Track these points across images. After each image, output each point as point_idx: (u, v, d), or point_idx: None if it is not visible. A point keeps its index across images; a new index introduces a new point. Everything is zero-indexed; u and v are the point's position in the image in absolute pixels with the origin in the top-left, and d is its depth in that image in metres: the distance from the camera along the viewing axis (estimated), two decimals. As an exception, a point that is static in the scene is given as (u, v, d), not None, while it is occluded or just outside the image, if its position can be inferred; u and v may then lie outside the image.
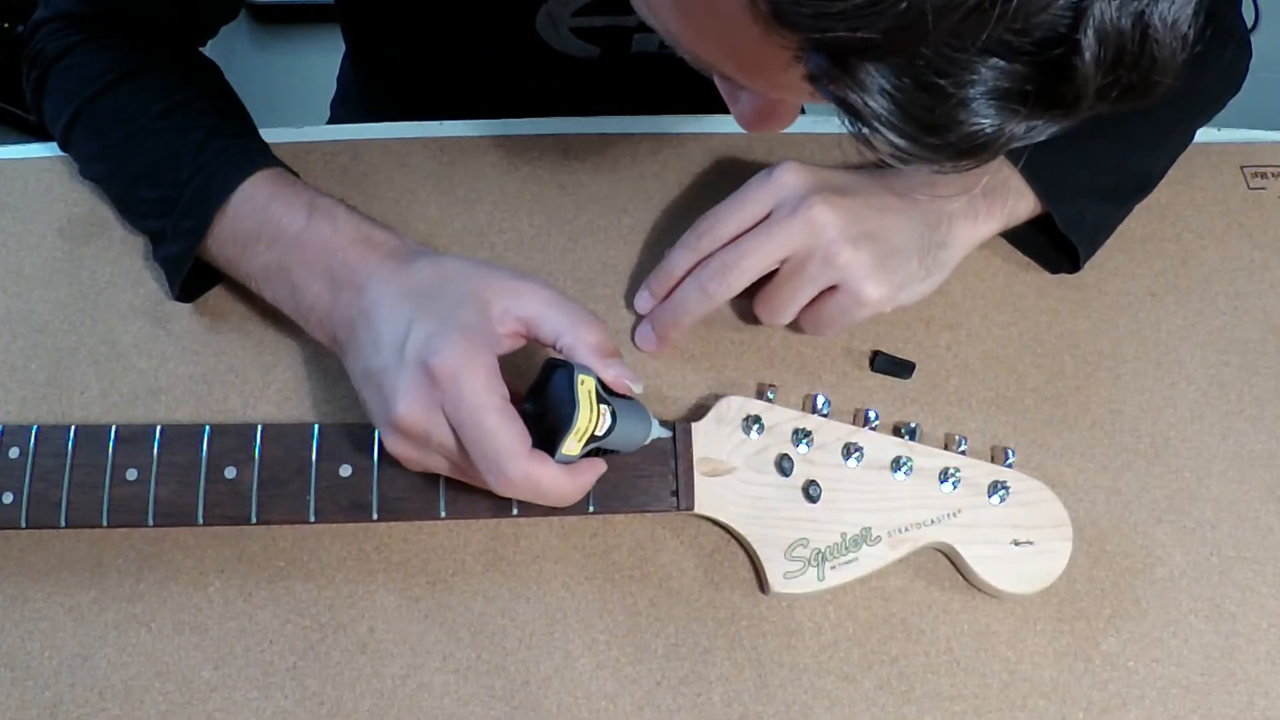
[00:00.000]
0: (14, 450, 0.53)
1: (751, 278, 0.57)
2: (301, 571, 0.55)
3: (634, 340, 0.61)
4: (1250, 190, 0.69)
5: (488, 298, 0.50)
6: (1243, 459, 0.60)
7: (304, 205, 0.55)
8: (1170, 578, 0.57)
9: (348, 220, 0.55)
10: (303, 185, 0.58)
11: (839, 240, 0.55)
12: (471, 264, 0.52)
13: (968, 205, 0.59)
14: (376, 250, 0.53)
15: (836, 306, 0.57)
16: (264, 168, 0.57)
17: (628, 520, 0.56)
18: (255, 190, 0.56)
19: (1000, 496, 0.55)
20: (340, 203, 0.56)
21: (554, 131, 0.69)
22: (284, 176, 0.58)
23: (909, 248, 0.57)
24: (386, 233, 0.55)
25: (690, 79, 0.80)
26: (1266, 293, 0.66)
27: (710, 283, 0.57)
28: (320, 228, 0.54)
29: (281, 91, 1.80)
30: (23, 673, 0.52)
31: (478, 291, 0.50)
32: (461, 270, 0.52)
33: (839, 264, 0.55)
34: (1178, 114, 0.65)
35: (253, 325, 0.61)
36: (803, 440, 0.55)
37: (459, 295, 0.50)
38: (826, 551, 0.53)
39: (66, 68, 0.62)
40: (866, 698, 0.53)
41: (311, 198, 0.56)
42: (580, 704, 0.52)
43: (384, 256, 0.53)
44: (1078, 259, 0.63)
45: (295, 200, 0.56)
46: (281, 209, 0.55)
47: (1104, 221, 0.63)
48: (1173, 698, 0.54)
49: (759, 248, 0.56)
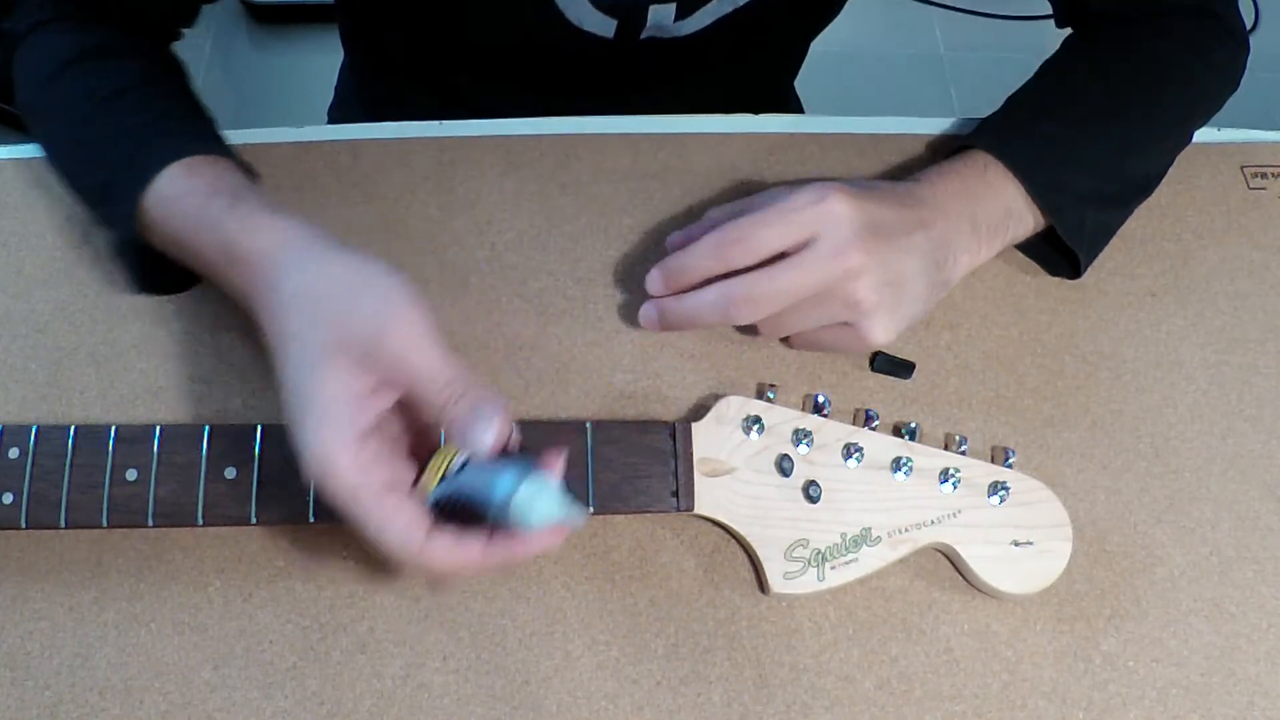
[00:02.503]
0: (14, 450, 0.53)
1: (777, 310, 0.55)
2: (301, 571, 0.55)
3: (639, 316, 0.59)
4: (1250, 190, 0.69)
5: (349, 353, 0.45)
6: (1243, 459, 0.60)
7: (196, 210, 0.53)
8: (1170, 578, 0.57)
9: (219, 231, 0.51)
10: (218, 179, 0.54)
11: (868, 288, 0.54)
12: (334, 291, 0.47)
13: (971, 238, 0.59)
14: (247, 270, 0.50)
15: (840, 339, 0.57)
16: (191, 155, 0.55)
17: (628, 520, 0.56)
18: (169, 184, 0.54)
19: (1000, 497, 0.55)
20: (236, 201, 0.52)
21: (554, 131, 0.69)
22: (201, 169, 0.55)
23: (922, 291, 0.57)
24: (262, 239, 0.50)
25: (697, 65, 0.80)
26: (1267, 293, 0.66)
27: (735, 309, 0.55)
28: (206, 244, 0.52)
29: (281, 91, 1.81)
30: (23, 673, 0.52)
31: (336, 344, 0.45)
32: (321, 306, 0.47)
33: (861, 309, 0.55)
34: (1176, 115, 0.65)
35: (253, 325, 0.61)
36: (803, 440, 0.55)
37: (316, 357, 0.46)
38: (826, 552, 0.53)
39: (29, 48, 0.61)
40: (866, 698, 0.53)
41: (204, 201, 0.53)
42: (580, 704, 0.52)
43: (256, 282, 0.50)
44: (1078, 265, 0.63)
45: (197, 205, 0.53)
46: (190, 207, 0.53)
47: (1104, 228, 0.63)
48: (1173, 698, 0.54)
49: (793, 285, 0.54)
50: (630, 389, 0.60)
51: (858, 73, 1.89)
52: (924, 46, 1.98)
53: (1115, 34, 0.66)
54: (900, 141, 0.69)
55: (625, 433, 0.55)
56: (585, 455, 0.54)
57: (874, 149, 0.69)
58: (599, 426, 0.54)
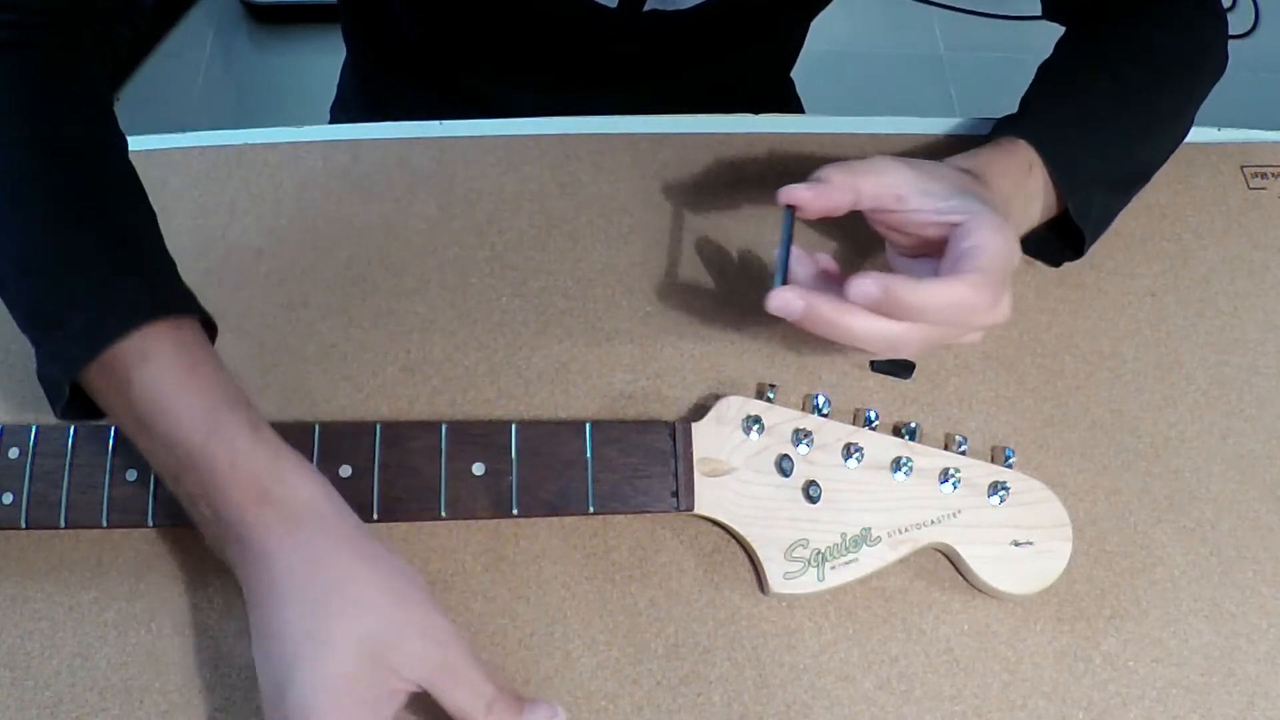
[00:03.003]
0: (14, 450, 0.53)
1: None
2: (301, 571, 0.55)
3: (767, 305, 0.50)
4: (1250, 190, 0.69)
5: (389, 642, 0.44)
6: (1243, 459, 0.60)
7: (201, 416, 0.46)
8: (1170, 578, 0.57)
9: (248, 460, 0.46)
10: (204, 368, 0.48)
11: (976, 339, 0.54)
12: (384, 582, 0.46)
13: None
14: (274, 512, 0.46)
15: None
16: (168, 315, 0.48)
17: (628, 520, 0.56)
18: (152, 359, 0.47)
19: (1000, 497, 0.55)
20: (245, 420, 0.47)
21: (554, 131, 0.69)
22: (185, 345, 0.48)
23: None
24: (292, 482, 0.47)
25: (698, 47, 0.79)
26: (1267, 293, 0.66)
27: (899, 350, 0.51)
28: (217, 457, 0.46)
29: (281, 91, 1.81)
30: (23, 673, 0.52)
31: (378, 634, 0.44)
32: (367, 590, 0.45)
33: (974, 336, 0.54)
34: (1177, 99, 0.65)
35: (252, 325, 0.61)
36: (803, 440, 0.55)
37: (356, 630, 0.44)
38: (826, 552, 0.53)
39: None
40: (866, 698, 0.53)
41: (212, 406, 0.47)
42: (580, 704, 0.52)
43: (284, 524, 0.46)
44: (1080, 246, 0.62)
45: (193, 402, 0.47)
46: (178, 402, 0.46)
47: (1108, 211, 0.63)
48: (1173, 698, 0.54)
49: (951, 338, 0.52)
50: (630, 389, 0.60)
51: (858, 73, 1.89)
52: (924, 46, 1.98)
53: (1112, 25, 0.67)
54: (900, 141, 0.69)
55: (625, 433, 0.55)
56: (585, 455, 0.54)
57: (874, 149, 0.69)
58: (599, 426, 0.54)
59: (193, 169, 0.67)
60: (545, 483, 0.53)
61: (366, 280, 0.63)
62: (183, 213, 0.65)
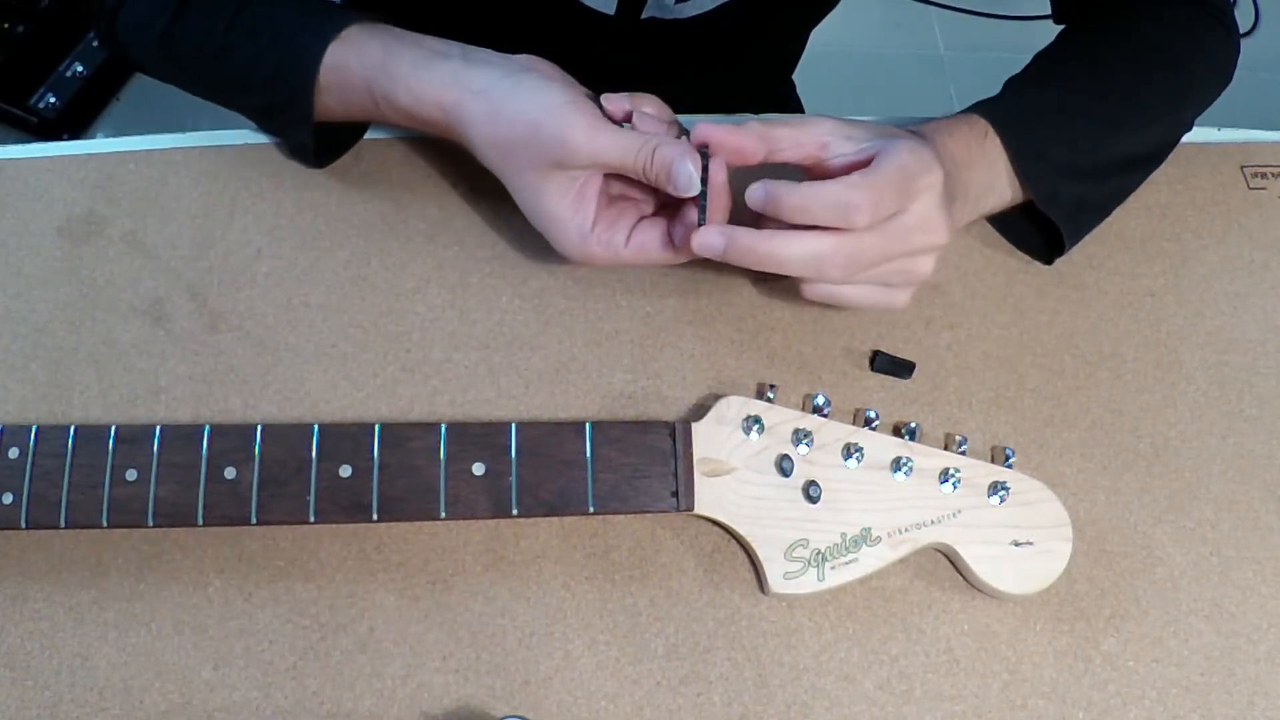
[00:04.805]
0: (14, 450, 0.53)
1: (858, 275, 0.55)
2: (301, 571, 0.55)
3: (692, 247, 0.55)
4: (1250, 190, 0.69)
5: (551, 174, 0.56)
6: (1243, 459, 0.60)
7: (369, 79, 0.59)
8: (1170, 578, 0.57)
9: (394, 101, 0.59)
10: (370, 47, 0.60)
11: (931, 265, 0.56)
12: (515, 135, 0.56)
13: (960, 207, 0.59)
14: (437, 127, 0.60)
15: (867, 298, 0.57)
16: (333, 38, 0.60)
17: (628, 520, 0.56)
18: (329, 74, 0.60)
19: (1000, 497, 0.55)
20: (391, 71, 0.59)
21: (554, 131, 0.69)
22: (348, 49, 0.60)
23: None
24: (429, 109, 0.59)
25: (697, 52, 0.79)
26: (1266, 293, 0.66)
27: (829, 269, 0.54)
28: (400, 100, 0.59)
29: (281, 91, 1.80)
30: (23, 673, 0.52)
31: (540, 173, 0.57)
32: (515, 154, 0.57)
33: (913, 279, 0.57)
34: (1163, 97, 0.65)
35: (252, 325, 0.61)
36: (803, 440, 0.55)
37: (533, 189, 0.57)
38: (826, 552, 0.53)
39: (129, 12, 0.65)
40: (866, 698, 0.53)
41: (373, 71, 0.59)
42: (580, 704, 0.52)
43: (452, 132, 0.59)
44: (1057, 243, 0.63)
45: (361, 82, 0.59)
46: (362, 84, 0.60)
47: (1083, 202, 0.63)
48: (1173, 698, 0.54)
49: (884, 256, 0.54)
50: (630, 389, 0.60)
51: (858, 73, 1.89)
52: (924, 46, 1.98)
53: (1108, 19, 0.67)
54: (900, 141, 0.69)
55: (625, 433, 0.55)
56: (585, 455, 0.54)
57: (874, 149, 0.69)
58: (599, 426, 0.54)
59: (193, 169, 0.67)
60: (545, 483, 0.53)
61: (366, 280, 0.63)
62: (183, 213, 0.65)
